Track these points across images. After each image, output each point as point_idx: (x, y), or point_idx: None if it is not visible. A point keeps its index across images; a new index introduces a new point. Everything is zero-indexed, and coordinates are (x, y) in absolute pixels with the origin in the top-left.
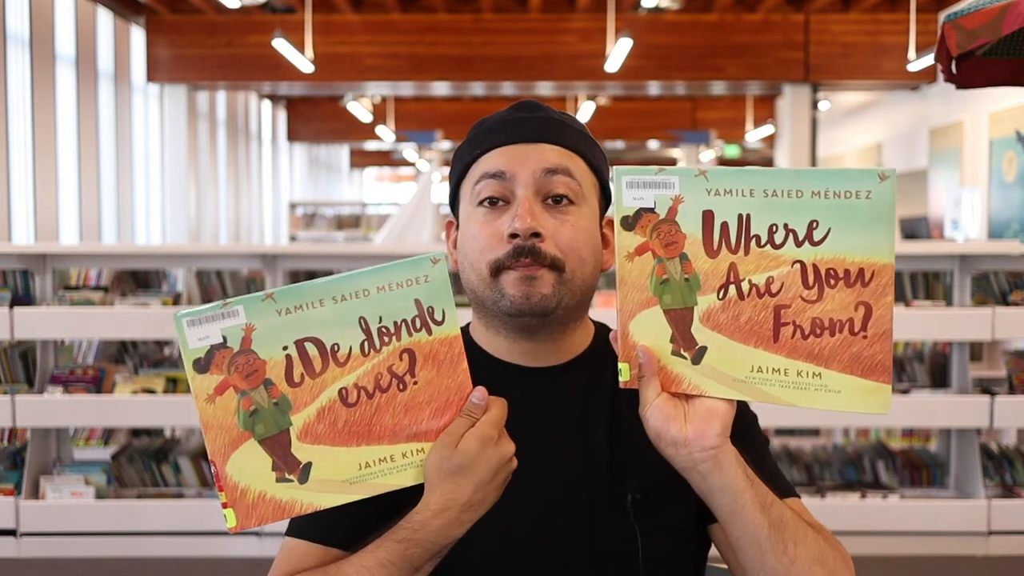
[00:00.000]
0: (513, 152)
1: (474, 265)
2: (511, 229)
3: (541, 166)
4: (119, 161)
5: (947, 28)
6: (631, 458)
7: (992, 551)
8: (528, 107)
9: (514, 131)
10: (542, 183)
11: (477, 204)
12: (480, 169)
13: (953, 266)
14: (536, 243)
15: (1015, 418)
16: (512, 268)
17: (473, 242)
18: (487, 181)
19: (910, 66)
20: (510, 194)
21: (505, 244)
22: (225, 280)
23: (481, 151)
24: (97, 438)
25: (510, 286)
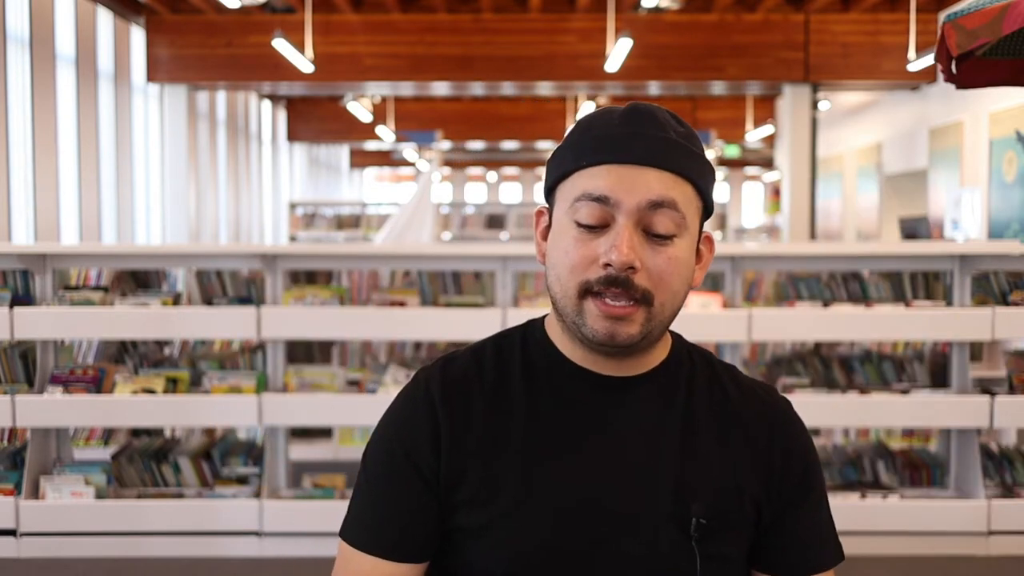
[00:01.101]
0: (620, 175)
1: (562, 280)
2: (607, 258)
3: (647, 198)
4: (119, 161)
5: (947, 28)
6: (699, 479)
7: (992, 551)
8: (644, 119)
9: (625, 149)
10: (645, 215)
11: (575, 221)
12: (582, 185)
13: (953, 266)
14: (629, 275)
15: (1015, 418)
16: (601, 295)
17: (565, 257)
18: (588, 203)
19: (910, 66)
20: (611, 218)
21: (598, 267)
22: (225, 280)
23: (587, 163)
24: (97, 438)
25: (595, 319)
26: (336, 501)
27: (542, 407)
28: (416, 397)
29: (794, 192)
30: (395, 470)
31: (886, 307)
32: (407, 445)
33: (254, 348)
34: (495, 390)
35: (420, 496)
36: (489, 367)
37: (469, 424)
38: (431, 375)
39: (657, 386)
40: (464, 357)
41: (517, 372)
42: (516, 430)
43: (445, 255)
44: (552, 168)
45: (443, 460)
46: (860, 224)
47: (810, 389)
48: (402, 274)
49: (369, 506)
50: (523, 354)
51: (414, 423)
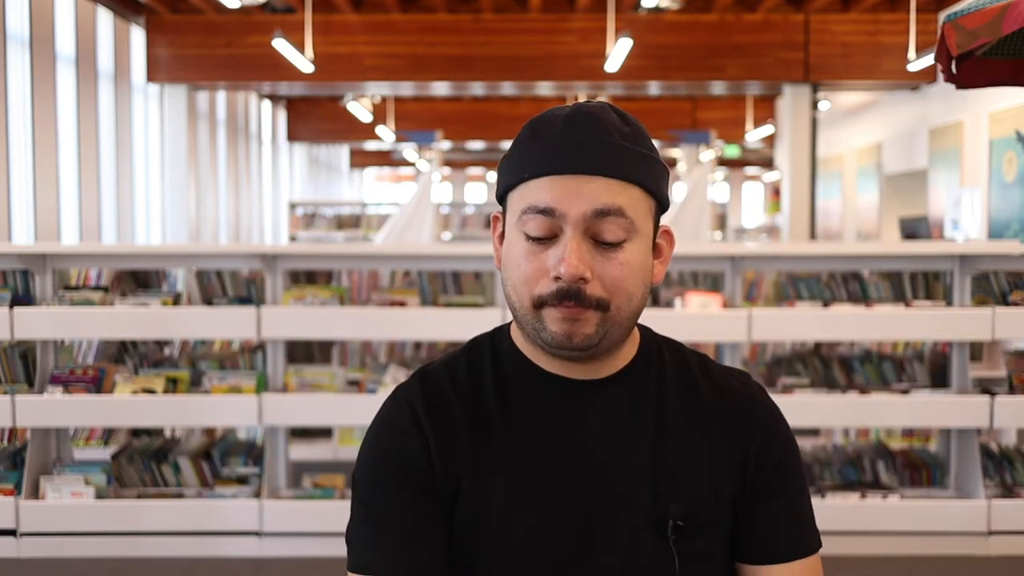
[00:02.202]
0: (564, 186)
1: (517, 292)
2: (556, 272)
3: (592, 207)
4: (119, 161)
5: (947, 28)
6: (674, 481)
7: (992, 551)
8: (588, 123)
9: (568, 158)
10: (592, 224)
11: (524, 234)
12: (528, 197)
13: (953, 266)
14: (581, 286)
15: (1015, 418)
16: (555, 307)
17: (517, 270)
18: (534, 216)
19: (910, 66)
20: (558, 229)
21: (549, 281)
22: (225, 280)
23: (530, 174)
24: (97, 438)
25: (552, 323)
26: (336, 501)
27: (516, 418)
28: (401, 415)
29: (794, 192)
30: (392, 487)
31: (886, 307)
32: (400, 461)
33: (254, 348)
34: (472, 403)
35: (426, 507)
36: (464, 380)
37: (454, 439)
38: (411, 392)
39: (627, 387)
40: (439, 372)
41: (490, 384)
42: (495, 443)
43: (445, 255)
44: (502, 175)
45: (438, 474)
46: (860, 224)
47: (810, 389)
48: (402, 274)
49: (377, 532)
50: (493, 364)
51: (404, 440)
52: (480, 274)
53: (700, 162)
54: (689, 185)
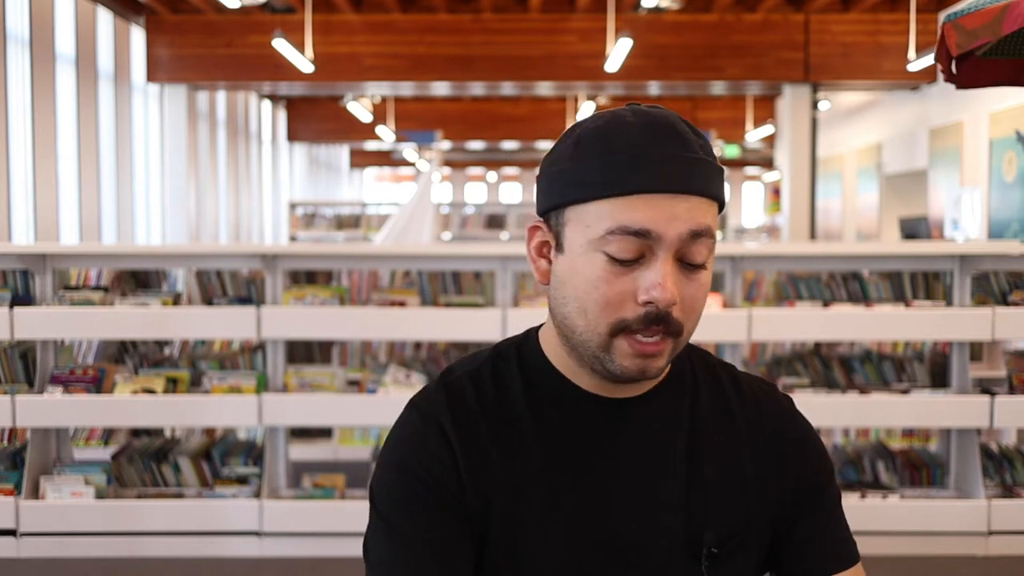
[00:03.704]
0: (659, 207)
1: (589, 316)
2: (648, 296)
3: (688, 228)
4: (119, 161)
5: (947, 28)
6: (708, 503)
7: (992, 551)
8: (669, 136)
9: (663, 175)
10: (684, 246)
11: (603, 255)
12: (616, 216)
13: (953, 266)
14: (671, 311)
15: (1015, 418)
16: (638, 333)
17: (595, 292)
18: (624, 237)
19: (910, 66)
20: (647, 251)
21: (634, 305)
22: (225, 280)
23: (619, 191)
24: (97, 438)
25: (625, 357)
26: (336, 501)
27: (547, 436)
28: (427, 430)
29: (794, 192)
30: (421, 509)
31: (886, 307)
32: (428, 479)
33: (254, 348)
34: (500, 419)
35: (454, 527)
36: (490, 393)
37: (484, 457)
38: (437, 406)
39: (661, 406)
40: (463, 383)
41: (518, 398)
42: (525, 462)
43: (445, 255)
44: (560, 185)
45: (468, 494)
46: (860, 224)
47: (810, 389)
48: (402, 274)
49: (403, 553)
50: (522, 377)
51: (432, 457)
52: (480, 274)
53: None
54: None
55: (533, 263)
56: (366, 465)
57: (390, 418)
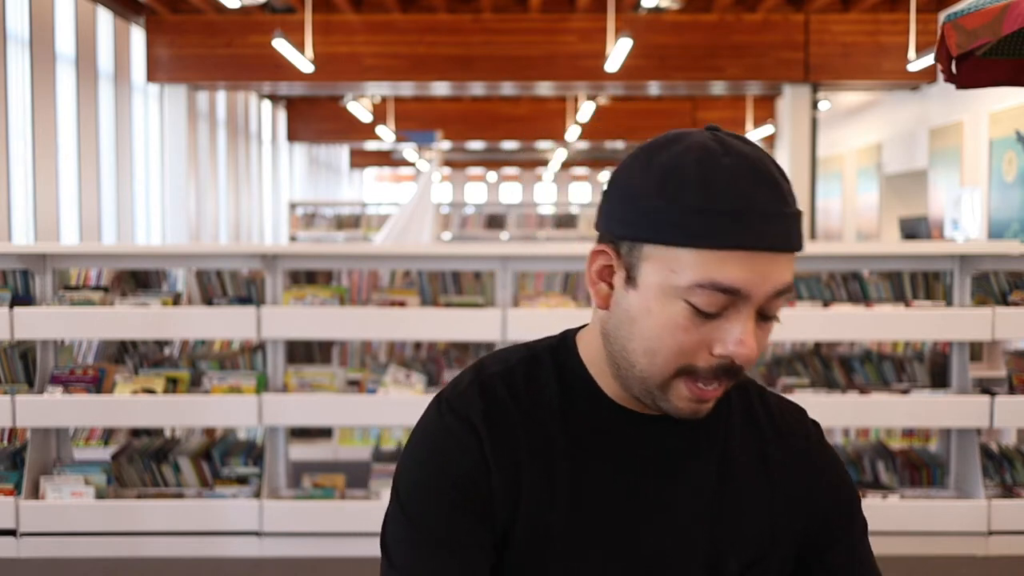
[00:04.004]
0: (754, 266)
1: (657, 358)
2: (726, 350)
3: (775, 287)
4: (119, 161)
5: (947, 28)
6: (734, 525)
7: (992, 551)
8: (769, 184)
9: (765, 233)
10: (767, 303)
11: (685, 304)
12: (707, 270)
13: (953, 266)
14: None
15: (1015, 418)
16: (701, 381)
17: (670, 338)
18: (713, 293)
19: (910, 66)
20: (732, 306)
21: (707, 355)
22: (225, 280)
23: (718, 244)
24: (97, 438)
25: (682, 400)
26: (336, 501)
27: (578, 446)
28: (460, 430)
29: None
30: (448, 512)
31: (886, 307)
32: (457, 480)
33: (254, 348)
34: (533, 424)
35: (480, 531)
36: (523, 396)
37: (516, 463)
38: (470, 405)
39: (693, 425)
40: (496, 382)
41: (552, 404)
42: (555, 471)
43: (445, 255)
44: (645, 220)
45: (496, 498)
46: (860, 224)
47: (810, 389)
48: (402, 274)
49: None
50: (557, 383)
51: (463, 458)
52: (480, 274)
53: None
54: None
55: (592, 285)
56: (366, 465)
57: (390, 418)
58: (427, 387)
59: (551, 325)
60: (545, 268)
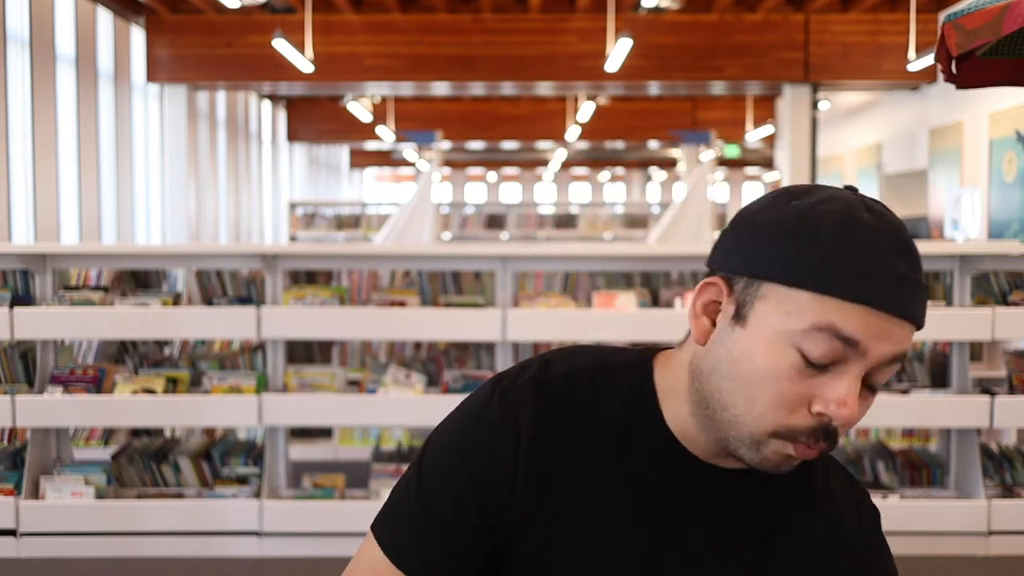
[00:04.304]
0: (880, 325)
1: (757, 409)
2: (826, 410)
3: (893, 352)
4: (119, 161)
5: (947, 28)
6: None
7: (992, 551)
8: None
9: (893, 296)
10: (878, 367)
11: (798, 351)
12: (830, 316)
13: (953, 266)
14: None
15: (1015, 418)
16: (799, 443)
17: (773, 388)
18: (831, 340)
19: (910, 66)
20: (842, 363)
21: (806, 413)
22: (225, 280)
23: (842, 295)
24: (97, 438)
25: (775, 455)
26: (336, 501)
27: (622, 476)
28: (499, 424)
29: None
30: (456, 498)
31: None
32: (478, 476)
33: (254, 348)
34: (583, 438)
35: (474, 532)
36: (583, 409)
37: (551, 473)
38: (524, 404)
39: (748, 487)
40: (560, 386)
41: (613, 431)
42: (595, 494)
43: (445, 255)
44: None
45: (514, 503)
46: None
47: None
48: (402, 274)
49: (412, 519)
50: (621, 405)
51: (493, 455)
52: (480, 274)
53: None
54: (689, 185)
55: (694, 318)
56: (366, 465)
57: (390, 418)
58: (427, 387)
59: (551, 325)
60: (545, 268)
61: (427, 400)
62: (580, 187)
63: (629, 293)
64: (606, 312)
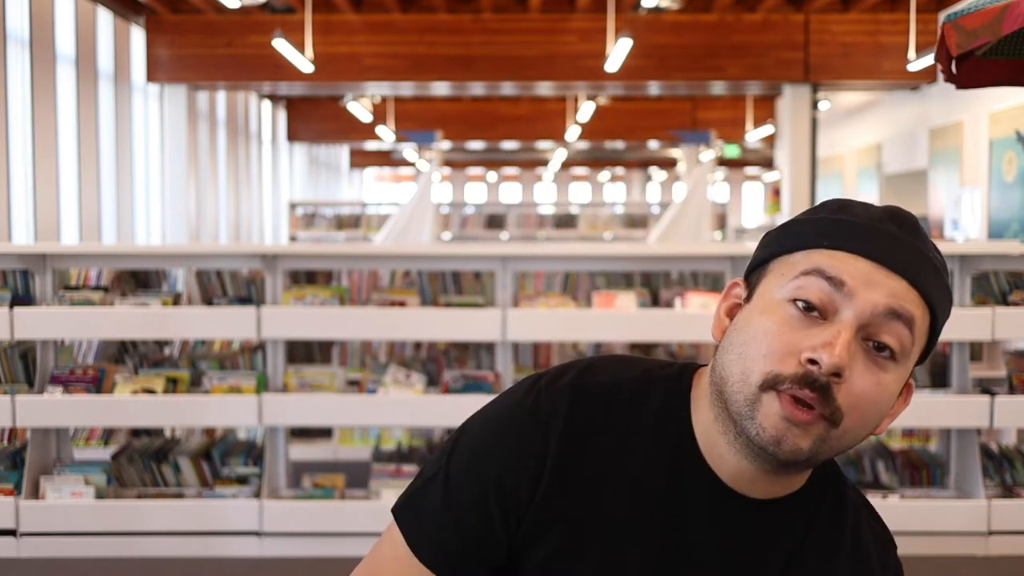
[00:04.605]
0: (864, 268)
1: (745, 363)
2: (814, 354)
3: (886, 302)
4: (119, 161)
5: (947, 28)
6: None
7: (992, 551)
8: (905, 225)
9: (877, 245)
10: (876, 321)
11: (790, 299)
12: (815, 262)
13: (953, 266)
14: (832, 382)
15: (1015, 418)
16: (788, 393)
17: (762, 338)
18: (818, 280)
19: (910, 66)
20: (832, 310)
21: (796, 362)
22: (225, 280)
23: (828, 243)
24: (97, 438)
25: (769, 417)
26: (336, 501)
27: (650, 499)
28: (531, 425)
29: (794, 192)
30: (479, 493)
31: None
32: (504, 474)
33: (254, 348)
34: (612, 452)
35: (493, 530)
36: (617, 421)
37: (575, 479)
38: (558, 406)
39: (776, 518)
40: (597, 394)
41: (642, 445)
42: (615, 508)
43: (445, 255)
44: (773, 241)
45: (535, 505)
46: None
47: None
48: (402, 274)
49: (436, 510)
50: (656, 425)
51: (520, 455)
52: (480, 274)
53: (700, 162)
54: (689, 185)
55: (717, 320)
56: (366, 465)
57: (390, 418)
58: (427, 387)
59: (551, 325)
60: (545, 268)
61: (427, 400)
62: (580, 187)
63: (629, 293)
64: (606, 312)
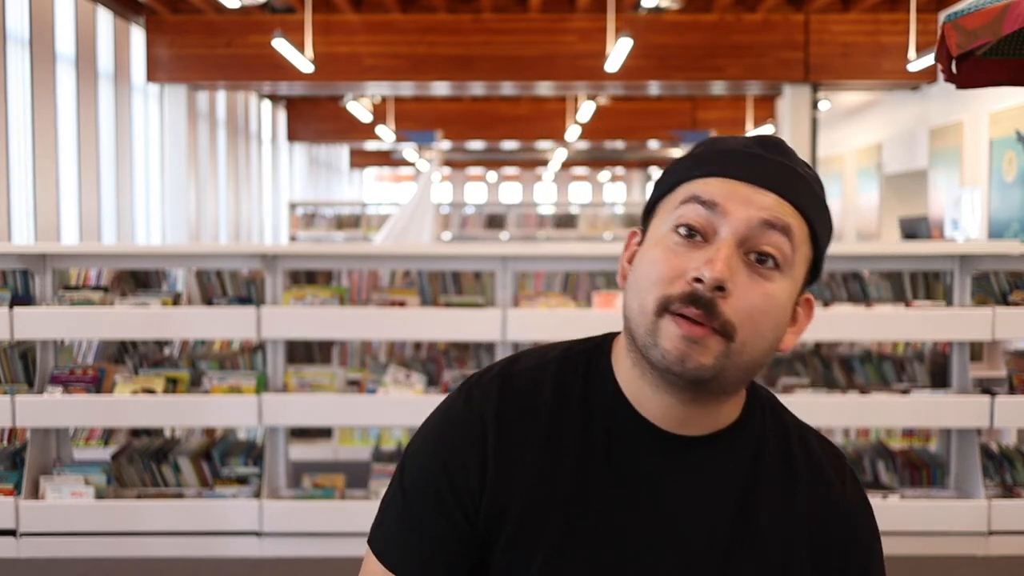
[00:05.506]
0: (735, 188)
1: (641, 294)
2: (697, 272)
3: (760, 216)
4: (119, 161)
5: (947, 28)
6: (747, 560)
7: (992, 551)
8: (771, 147)
9: (745, 166)
10: (753, 234)
11: (672, 228)
12: (691, 190)
13: (953, 266)
14: (716, 297)
15: (1015, 418)
16: (678, 313)
17: (651, 268)
18: (693, 206)
19: (910, 66)
20: (712, 232)
21: (684, 283)
22: (225, 280)
23: (700, 173)
24: (97, 438)
25: (667, 339)
26: (336, 501)
27: (594, 458)
28: (467, 418)
29: None
30: (434, 493)
31: (886, 307)
32: (451, 469)
33: (254, 348)
34: (548, 425)
35: (456, 525)
36: (547, 396)
37: (518, 460)
38: (487, 396)
39: (719, 455)
40: (524, 377)
41: (574, 411)
42: (564, 477)
43: (445, 255)
44: (661, 181)
45: (487, 492)
46: (860, 224)
47: (810, 389)
48: (402, 274)
49: (400, 522)
50: (584, 389)
51: (462, 447)
52: (480, 274)
53: None
54: None
55: (621, 269)
56: (366, 465)
57: (390, 418)
58: (427, 387)
59: (551, 325)
60: (545, 268)
61: (427, 400)
62: (580, 187)
63: None
64: (606, 312)
